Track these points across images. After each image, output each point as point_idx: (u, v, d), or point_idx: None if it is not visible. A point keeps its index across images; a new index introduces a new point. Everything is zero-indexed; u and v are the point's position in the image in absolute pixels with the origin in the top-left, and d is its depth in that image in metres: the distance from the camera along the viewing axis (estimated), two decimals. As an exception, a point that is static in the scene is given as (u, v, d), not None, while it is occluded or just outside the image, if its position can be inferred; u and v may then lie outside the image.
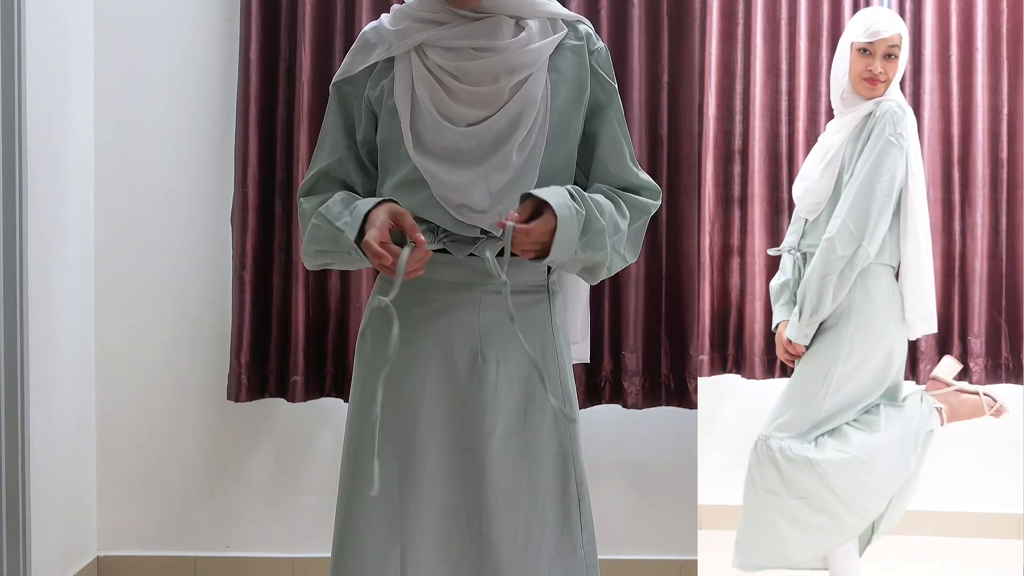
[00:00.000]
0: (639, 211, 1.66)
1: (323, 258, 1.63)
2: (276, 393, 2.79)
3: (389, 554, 1.60)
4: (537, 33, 1.62)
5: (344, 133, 1.68)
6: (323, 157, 1.68)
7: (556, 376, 1.64)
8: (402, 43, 1.61)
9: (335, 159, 1.68)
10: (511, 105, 1.57)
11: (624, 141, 1.68)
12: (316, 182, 1.68)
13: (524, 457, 1.61)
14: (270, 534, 2.91)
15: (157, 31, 2.85)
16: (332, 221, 1.56)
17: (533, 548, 1.61)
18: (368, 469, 1.59)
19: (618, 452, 2.90)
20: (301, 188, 1.70)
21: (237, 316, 2.76)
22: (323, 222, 1.58)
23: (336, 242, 1.56)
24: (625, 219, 1.62)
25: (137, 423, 2.89)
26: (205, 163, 2.86)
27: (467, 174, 1.56)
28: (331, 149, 1.68)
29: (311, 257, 1.64)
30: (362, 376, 1.66)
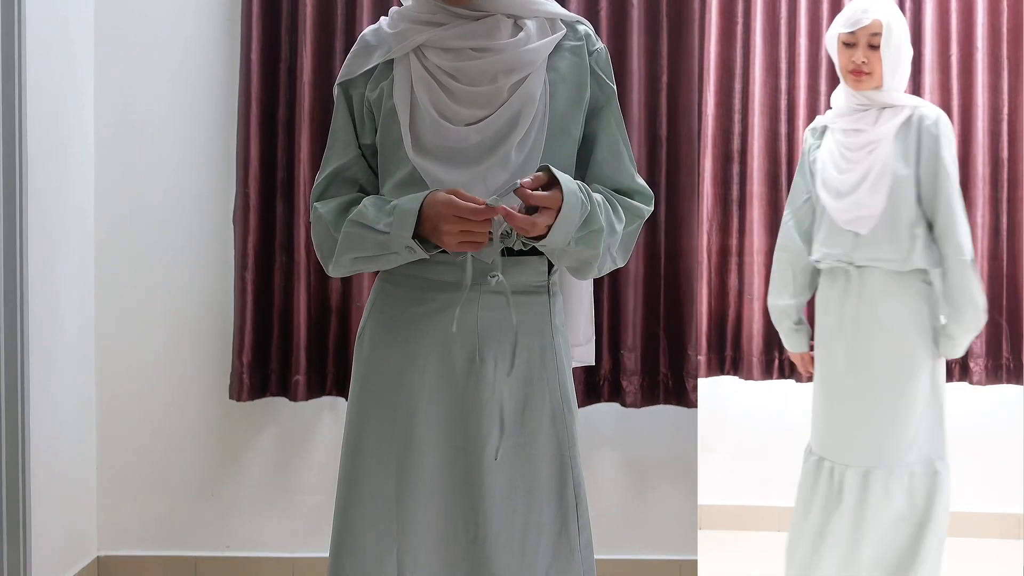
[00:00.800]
0: (633, 216, 1.66)
1: (359, 264, 1.61)
2: (278, 392, 2.80)
3: (386, 555, 1.60)
4: (535, 33, 1.62)
5: (354, 132, 1.67)
6: (336, 157, 1.67)
7: (555, 377, 1.64)
8: (401, 45, 1.61)
9: (349, 158, 1.66)
10: (510, 104, 1.58)
11: (623, 144, 1.68)
12: (329, 184, 1.67)
13: (521, 458, 1.61)
14: (270, 534, 2.92)
15: (158, 32, 2.85)
16: (373, 226, 1.54)
17: (530, 551, 1.61)
18: (366, 469, 1.60)
19: (617, 451, 2.90)
20: (314, 191, 1.68)
21: (239, 315, 2.77)
22: (361, 230, 1.55)
23: (383, 246, 1.54)
24: (621, 223, 1.62)
25: (137, 423, 2.89)
26: (206, 163, 2.87)
27: (466, 173, 1.57)
28: (344, 148, 1.67)
29: (343, 267, 1.62)
30: (361, 375, 1.66)
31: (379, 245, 1.54)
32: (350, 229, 1.56)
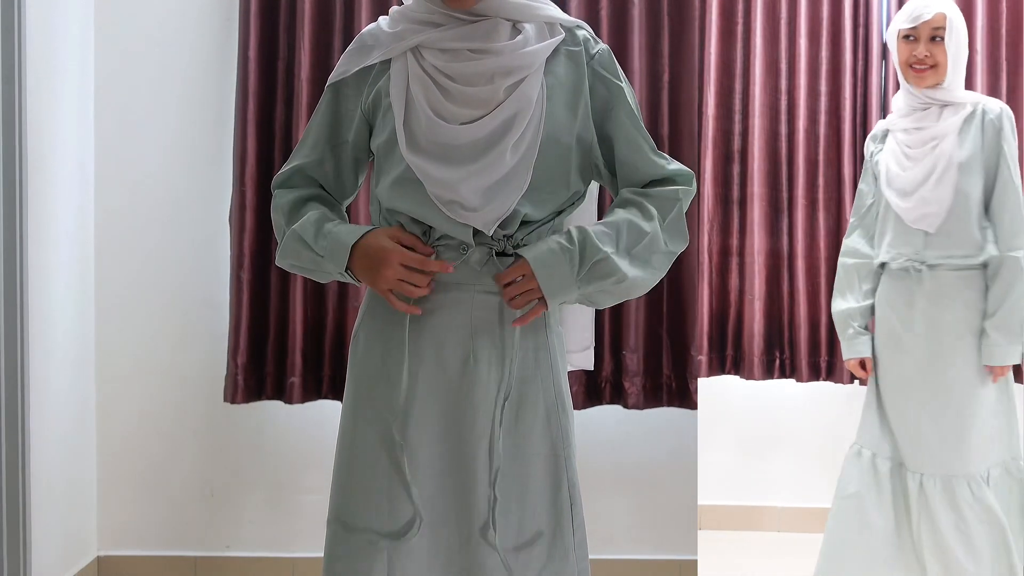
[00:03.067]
0: (668, 202, 1.65)
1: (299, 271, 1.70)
2: (274, 395, 2.79)
3: (377, 557, 1.60)
4: (534, 37, 1.62)
5: (329, 133, 1.70)
6: (302, 154, 1.71)
7: (549, 376, 1.64)
8: (398, 45, 1.61)
9: (314, 159, 1.70)
10: (506, 106, 1.58)
11: (641, 136, 1.67)
12: (292, 176, 1.71)
13: (515, 459, 1.61)
14: (270, 534, 2.91)
15: (157, 31, 2.85)
16: (310, 245, 1.61)
17: (524, 553, 1.61)
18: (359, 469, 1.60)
19: (618, 451, 2.90)
20: (276, 178, 1.73)
21: (234, 315, 2.76)
22: (300, 244, 1.63)
23: (318, 264, 1.63)
24: (652, 220, 1.62)
25: (137, 423, 2.89)
26: (203, 162, 2.86)
27: (459, 171, 1.57)
28: (311, 148, 1.70)
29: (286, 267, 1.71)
30: (355, 375, 1.67)
31: (314, 263, 1.63)
32: (290, 241, 1.64)
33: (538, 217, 1.61)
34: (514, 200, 1.57)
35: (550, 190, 1.61)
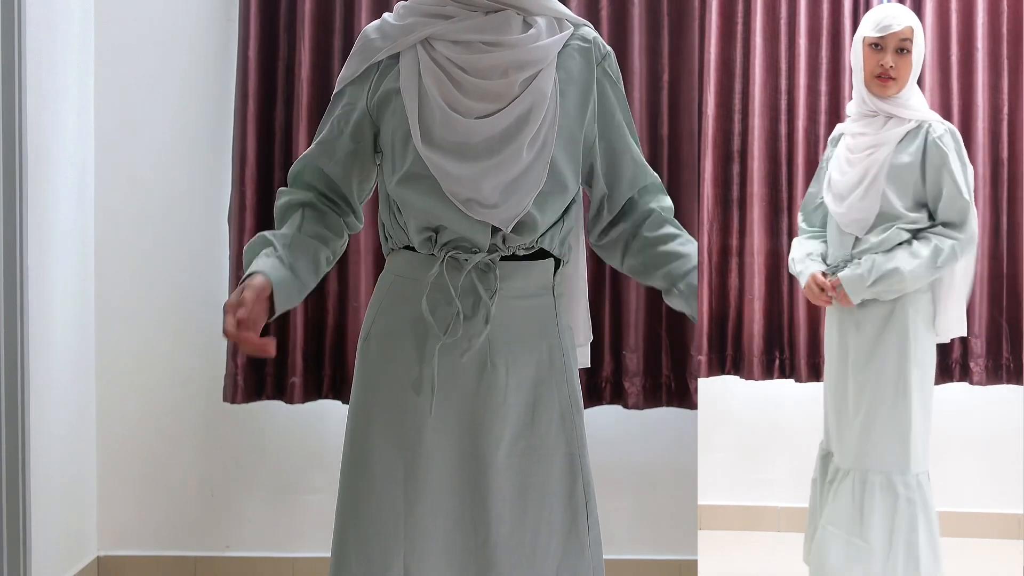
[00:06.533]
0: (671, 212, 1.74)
1: None
2: (274, 395, 2.79)
3: (392, 561, 1.59)
4: (545, 30, 1.61)
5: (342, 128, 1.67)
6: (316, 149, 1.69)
7: (563, 377, 1.64)
8: (408, 38, 1.59)
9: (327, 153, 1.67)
10: (521, 100, 1.56)
11: (637, 146, 1.70)
12: (304, 168, 1.69)
13: (532, 459, 1.60)
14: (270, 534, 2.91)
15: (156, 30, 2.85)
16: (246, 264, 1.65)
17: (541, 551, 1.60)
18: (373, 474, 1.59)
19: (618, 451, 2.90)
20: (290, 171, 1.72)
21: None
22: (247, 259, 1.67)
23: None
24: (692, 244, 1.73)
25: (137, 423, 2.89)
26: (203, 162, 2.86)
27: (476, 167, 1.55)
28: (325, 142, 1.67)
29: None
30: (366, 377, 1.64)
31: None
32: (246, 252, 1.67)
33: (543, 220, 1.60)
34: (532, 197, 1.56)
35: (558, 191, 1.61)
